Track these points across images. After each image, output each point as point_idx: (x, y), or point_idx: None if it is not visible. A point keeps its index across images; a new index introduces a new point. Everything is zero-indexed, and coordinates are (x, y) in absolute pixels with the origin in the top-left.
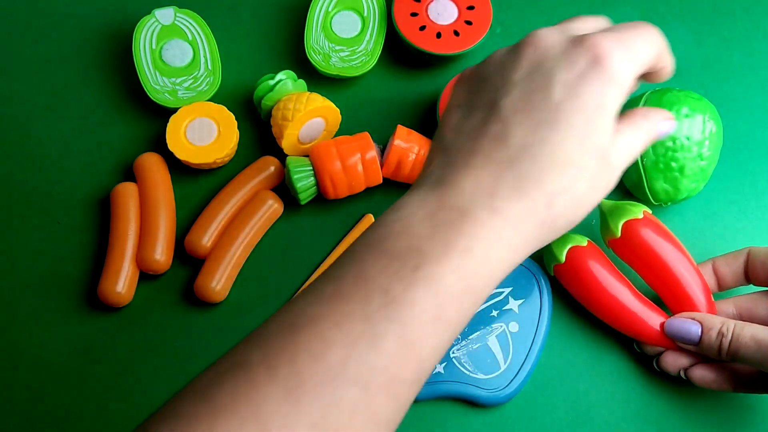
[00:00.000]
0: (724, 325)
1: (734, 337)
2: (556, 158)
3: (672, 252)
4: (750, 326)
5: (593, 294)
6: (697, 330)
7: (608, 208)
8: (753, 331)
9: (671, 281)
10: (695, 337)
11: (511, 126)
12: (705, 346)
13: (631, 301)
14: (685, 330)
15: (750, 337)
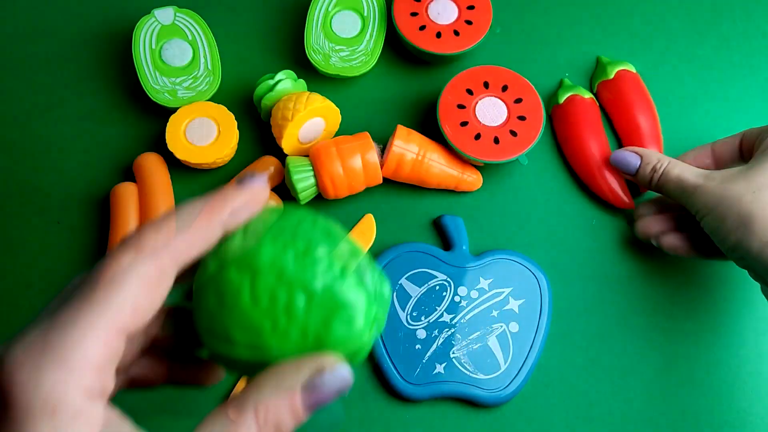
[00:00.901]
0: (660, 162)
1: (664, 173)
2: None
3: (643, 104)
4: (680, 165)
5: (574, 139)
6: (636, 162)
7: (606, 61)
8: (680, 170)
9: (635, 129)
10: (633, 167)
11: None
12: (640, 177)
13: (597, 152)
14: (626, 160)
15: (675, 174)
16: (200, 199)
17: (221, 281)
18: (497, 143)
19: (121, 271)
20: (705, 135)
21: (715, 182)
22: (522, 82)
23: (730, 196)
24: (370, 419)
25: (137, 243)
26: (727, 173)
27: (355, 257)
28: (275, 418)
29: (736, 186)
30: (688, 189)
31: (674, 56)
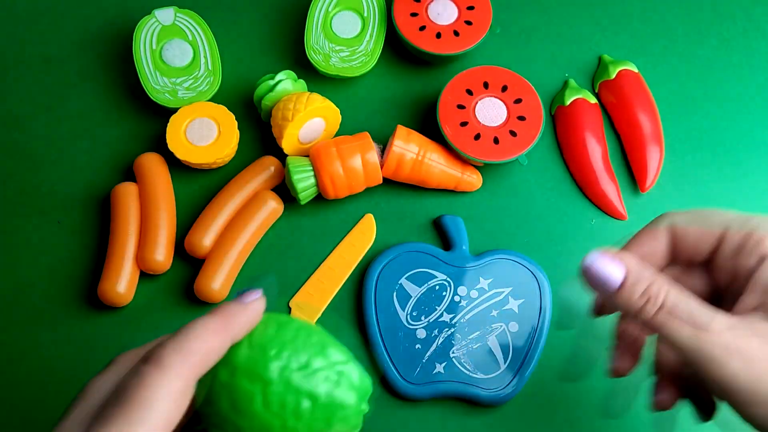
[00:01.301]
0: (655, 284)
1: (666, 307)
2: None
3: (644, 104)
4: (688, 299)
5: (576, 145)
6: (619, 277)
7: (609, 60)
8: (692, 309)
9: (636, 128)
10: (612, 285)
11: None
12: (623, 302)
13: (597, 160)
14: (603, 273)
15: (688, 315)
16: (211, 317)
17: (234, 389)
18: (497, 143)
19: (153, 390)
20: (706, 135)
21: (757, 349)
22: (522, 82)
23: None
24: (370, 419)
25: (161, 361)
26: (760, 330)
27: (344, 363)
28: None
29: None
30: (712, 348)
31: (675, 56)
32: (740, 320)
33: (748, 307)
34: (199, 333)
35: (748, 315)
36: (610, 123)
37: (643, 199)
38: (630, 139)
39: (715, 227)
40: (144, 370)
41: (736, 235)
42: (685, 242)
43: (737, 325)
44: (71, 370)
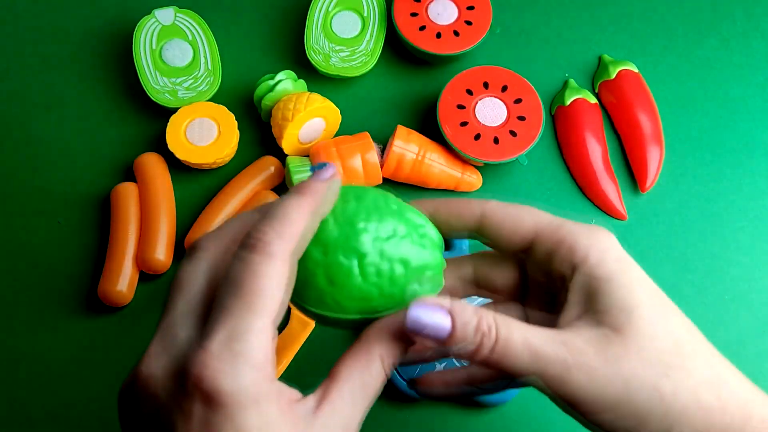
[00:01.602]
0: (484, 319)
1: (500, 340)
2: None
3: (645, 104)
4: (517, 324)
5: (576, 145)
6: (446, 323)
7: (609, 60)
8: (524, 333)
9: (636, 128)
10: (443, 333)
11: None
12: (457, 345)
13: (597, 160)
14: (430, 323)
15: (522, 342)
16: (301, 197)
17: (330, 265)
18: (497, 143)
19: (267, 279)
20: (706, 135)
21: (592, 358)
22: (522, 82)
23: (638, 386)
24: (370, 419)
25: (267, 248)
26: (590, 338)
27: (424, 225)
28: (393, 362)
29: (634, 368)
30: (553, 368)
31: (675, 56)
32: (571, 333)
33: (573, 318)
34: (295, 216)
35: (575, 325)
36: (610, 123)
37: (643, 199)
38: (630, 139)
39: (527, 228)
40: (253, 259)
41: (547, 242)
42: (497, 235)
43: (570, 340)
44: (71, 370)
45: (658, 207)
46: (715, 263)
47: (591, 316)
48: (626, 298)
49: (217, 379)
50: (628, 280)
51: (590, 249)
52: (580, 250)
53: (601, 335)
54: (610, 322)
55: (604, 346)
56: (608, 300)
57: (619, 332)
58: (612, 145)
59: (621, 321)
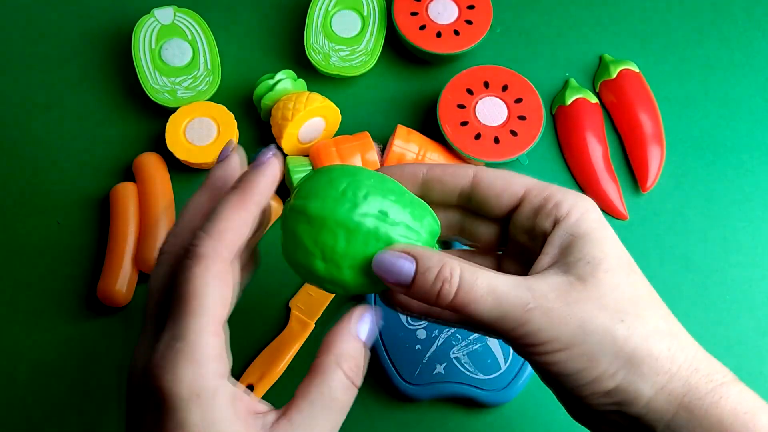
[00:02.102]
0: (447, 266)
1: (463, 285)
2: None
3: (645, 103)
4: (484, 272)
5: (576, 144)
6: (409, 269)
7: (610, 60)
8: (489, 280)
9: (637, 128)
10: (406, 277)
11: None
12: (419, 290)
13: (598, 160)
14: (393, 267)
15: (485, 286)
16: (232, 193)
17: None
18: (497, 143)
19: (196, 282)
20: (707, 134)
21: (553, 301)
22: (522, 81)
23: (593, 328)
24: (370, 419)
25: (197, 252)
26: (555, 284)
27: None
28: (354, 361)
29: (591, 310)
30: (514, 311)
31: (676, 56)
32: (537, 279)
33: (544, 266)
34: (225, 213)
35: (544, 273)
36: (611, 123)
37: (644, 199)
38: (631, 138)
39: (517, 188)
40: (187, 265)
41: (536, 199)
42: (487, 195)
43: (535, 285)
44: (71, 370)
45: (658, 207)
46: (716, 263)
47: (560, 266)
48: (595, 252)
49: (160, 375)
50: (601, 236)
51: (573, 208)
52: (563, 207)
53: (566, 282)
54: (576, 272)
55: (567, 291)
56: (579, 253)
57: (582, 280)
58: (613, 144)
59: (587, 271)
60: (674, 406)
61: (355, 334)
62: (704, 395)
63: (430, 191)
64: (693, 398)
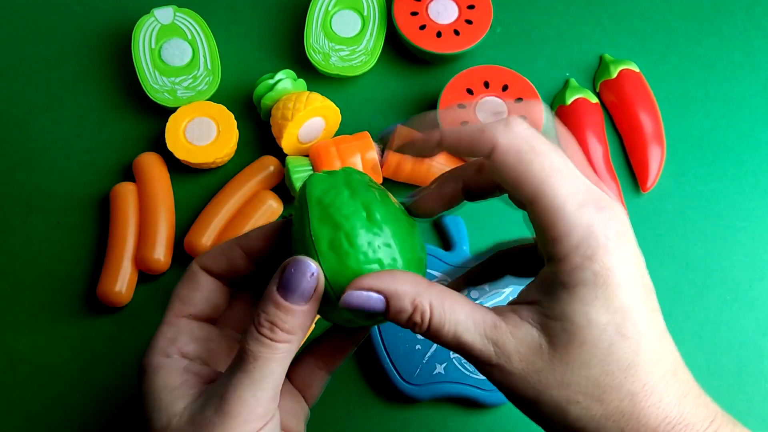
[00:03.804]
0: (419, 309)
1: (433, 327)
2: None
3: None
4: (454, 315)
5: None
6: (379, 306)
7: (610, 60)
8: (456, 324)
9: (637, 128)
10: (380, 311)
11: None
12: (395, 322)
13: (598, 160)
14: (366, 304)
15: (452, 333)
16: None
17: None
18: None
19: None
20: (707, 134)
21: (516, 364)
22: (522, 81)
23: (546, 402)
24: (370, 419)
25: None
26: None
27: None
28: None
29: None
30: (477, 359)
31: (677, 55)
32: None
33: (530, 298)
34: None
35: (523, 312)
36: (611, 123)
37: (644, 199)
38: (631, 138)
39: (528, 192)
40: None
41: (538, 217)
42: (496, 176)
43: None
44: (70, 371)
45: (659, 207)
46: (717, 263)
47: (540, 316)
48: (578, 318)
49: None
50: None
51: (575, 250)
52: (563, 246)
53: (536, 345)
54: (550, 336)
55: (533, 357)
56: (560, 311)
57: (553, 350)
58: (613, 144)
59: (561, 340)
60: None
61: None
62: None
63: (445, 148)
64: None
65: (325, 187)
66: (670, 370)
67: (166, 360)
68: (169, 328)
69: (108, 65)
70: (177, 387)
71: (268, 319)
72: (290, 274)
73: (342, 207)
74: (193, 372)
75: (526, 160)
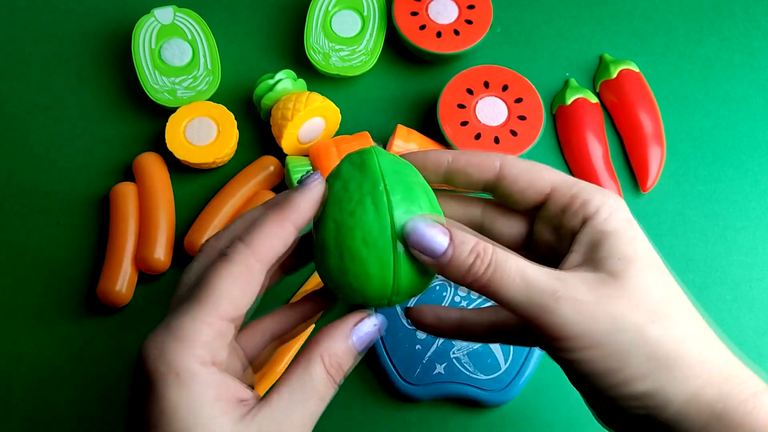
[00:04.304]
0: (480, 244)
1: (494, 265)
2: None
3: (646, 103)
4: (515, 256)
5: (577, 144)
6: (443, 244)
7: (610, 60)
8: (519, 263)
9: (637, 128)
10: (437, 251)
11: None
12: (452, 263)
13: (598, 160)
14: (427, 239)
15: (516, 269)
16: (274, 211)
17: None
18: (497, 143)
19: (218, 276)
20: (707, 134)
21: (584, 293)
22: (522, 81)
23: (625, 327)
24: (370, 419)
25: (228, 253)
26: (586, 278)
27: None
28: (336, 359)
29: (623, 308)
30: (542, 296)
31: (676, 55)
32: (568, 273)
33: (573, 264)
34: (263, 226)
35: (574, 269)
36: (611, 123)
37: (644, 199)
38: (631, 138)
39: (544, 183)
40: (217, 263)
41: (563, 197)
42: (512, 190)
43: (566, 277)
44: (70, 371)
45: (659, 207)
46: (716, 263)
47: (590, 264)
48: (627, 250)
49: (148, 351)
50: (631, 236)
51: (602, 205)
52: (592, 205)
53: (597, 278)
54: (607, 269)
55: (598, 286)
56: (610, 249)
57: (614, 277)
58: (613, 144)
59: (619, 268)
60: (706, 414)
61: (347, 334)
62: (738, 404)
63: (454, 180)
64: (726, 407)
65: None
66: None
67: (204, 369)
68: (208, 330)
69: (108, 65)
70: (215, 404)
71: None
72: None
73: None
74: (231, 387)
75: (531, 167)
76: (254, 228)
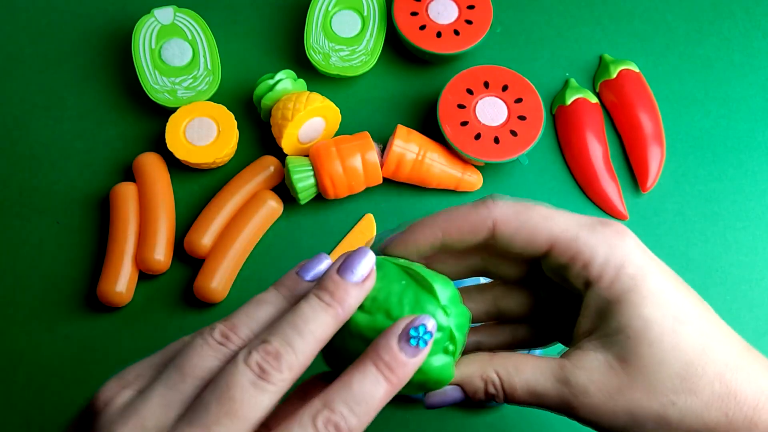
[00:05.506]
0: (489, 381)
1: (507, 391)
2: None
3: (645, 103)
4: (518, 371)
5: (577, 144)
6: (457, 395)
7: (610, 60)
8: (526, 381)
9: (637, 128)
10: (459, 399)
11: None
12: (477, 400)
13: (598, 160)
14: (447, 399)
15: (524, 389)
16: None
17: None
18: (497, 143)
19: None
20: (707, 135)
21: (595, 394)
22: (522, 81)
23: (645, 418)
24: None
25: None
26: (595, 370)
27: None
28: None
29: (639, 399)
30: (558, 407)
31: (677, 55)
32: (574, 365)
33: (583, 333)
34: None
35: (583, 347)
36: (611, 123)
37: (644, 199)
38: (631, 138)
39: (542, 241)
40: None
41: (563, 257)
42: (508, 248)
43: (572, 376)
44: (71, 371)
45: (659, 207)
46: (716, 263)
47: (599, 338)
48: (635, 323)
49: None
50: (640, 298)
51: (606, 266)
52: (594, 267)
53: (606, 366)
54: (616, 350)
55: (609, 379)
56: (617, 322)
57: (624, 362)
58: (613, 144)
59: (628, 349)
60: None
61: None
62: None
63: (449, 247)
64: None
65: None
66: (742, 345)
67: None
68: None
69: (108, 65)
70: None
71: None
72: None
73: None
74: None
75: (527, 219)
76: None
